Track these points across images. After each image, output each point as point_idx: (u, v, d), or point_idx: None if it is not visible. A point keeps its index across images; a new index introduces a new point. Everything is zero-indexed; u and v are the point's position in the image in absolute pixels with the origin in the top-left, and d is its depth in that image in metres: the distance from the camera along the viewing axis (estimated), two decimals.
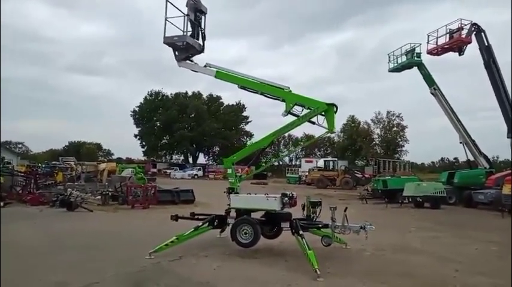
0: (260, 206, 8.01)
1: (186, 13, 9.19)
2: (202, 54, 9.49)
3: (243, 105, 74.85)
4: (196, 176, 55.11)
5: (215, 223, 8.34)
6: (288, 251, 8.08)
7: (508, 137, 20.01)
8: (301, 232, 7.31)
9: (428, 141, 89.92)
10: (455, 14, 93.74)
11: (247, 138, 76.47)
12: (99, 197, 17.95)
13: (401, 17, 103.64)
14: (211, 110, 72.88)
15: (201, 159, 76.07)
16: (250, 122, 76.02)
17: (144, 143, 72.54)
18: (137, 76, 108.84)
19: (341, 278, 6.32)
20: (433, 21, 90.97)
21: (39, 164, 35.22)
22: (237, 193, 8.27)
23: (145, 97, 73.33)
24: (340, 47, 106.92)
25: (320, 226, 7.93)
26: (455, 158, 71.94)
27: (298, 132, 73.37)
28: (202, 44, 9.44)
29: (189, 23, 9.23)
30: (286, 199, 7.90)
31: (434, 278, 6.40)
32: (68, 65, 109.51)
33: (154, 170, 54.28)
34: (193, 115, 70.02)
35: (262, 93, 8.71)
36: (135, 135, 72.91)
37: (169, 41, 9.17)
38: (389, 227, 11.71)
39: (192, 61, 9.50)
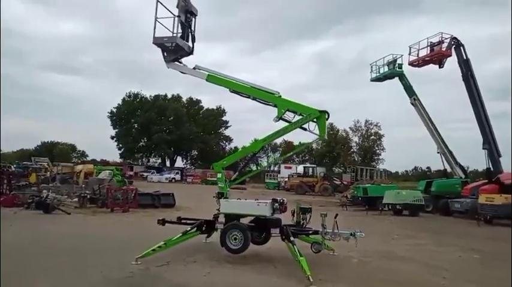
0: (250, 212, 7.93)
1: (176, 14, 9.08)
2: (191, 56, 9.43)
3: (223, 109, 74.74)
4: (173, 180, 54.31)
5: (203, 228, 8.21)
6: (276, 257, 8.03)
7: (483, 149, 20.65)
8: (292, 239, 7.27)
9: (402, 150, 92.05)
10: (432, 28, 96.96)
11: (227, 143, 76.35)
12: (76, 199, 17.45)
13: (380, 28, 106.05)
14: (190, 114, 72.35)
15: (179, 162, 75.25)
16: (229, 126, 75.92)
17: (120, 145, 71.12)
18: (115, 77, 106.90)
19: (333, 285, 6.31)
20: (411, 33, 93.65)
21: (10, 165, 33.89)
22: (227, 198, 8.16)
23: (124, 98, 72.17)
24: (320, 55, 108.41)
25: (310, 232, 7.91)
26: (427, 167, 74.11)
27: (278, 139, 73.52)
28: (191, 46, 9.34)
29: (179, 24, 9.13)
30: (277, 204, 7.86)
31: (423, 285, 6.48)
32: (42, 63, 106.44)
33: (131, 173, 53.34)
34: (172, 118, 69.27)
35: (254, 98, 8.66)
36: (112, 137, 71.49)
37: (158, 42, 9.03)
38: (372, 234, 11.78)
39: (181, 63, 9.38)
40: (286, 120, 8.33)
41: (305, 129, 8.41)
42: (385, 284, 6.41)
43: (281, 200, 7.99)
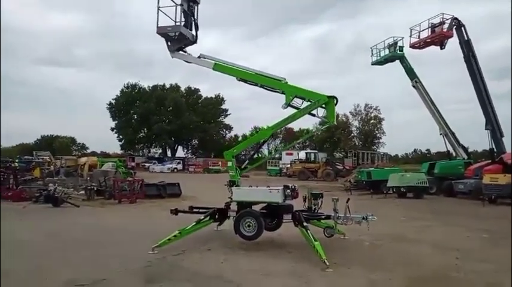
0: (263, 199, 8.02)
1: (179, 3, 9.02)
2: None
3: (222, 98, 74.48)
4: (175, 170, 54.47)
5: (216, 217, 8.30)
6: (289, 242, 8.14)
7: (486, 129, 20.70)
8: (305, 224, 7.37)
9: (401, 133, 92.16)
10: (431, 8, 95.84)
11: (227, 131, 76.29)
12: (82, 192, 17.53)
13: (377, 10, 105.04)
14: (189, 103, 72.10)
15: (180, 152, 75.36)
16: (229, 115, 75.76)
17: (121, 136, 71.10)
18: (112, 68, 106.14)
19: (348, 268, 6.41)
20: (409, 14, 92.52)
21: (12, 160, 33.84)
22: (238, 185, 8.22)
23: (122, 90, 71.86)
24: (317, 39, 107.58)
25: (323, 217, 8.00)
26: (427, 150, 74.31)
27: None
28: (195, 34, 9.29)
29: (181, 13, 9.07)
30: (289, 191, 7.94)
31: (439, 266, 6.59)
32: (38, 57, 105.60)
33: (133, 163, 53.41)
34: (171, 108, 69.08)
35: (261, 86, 8.68)
36: (112, 129, 71.40)
37: (162, 32, 9.00)
38: (380, 217, 11.71)
39: (185, 52, 9.35)
40: (294, 107, 8.35)
41: (314, 115, 8.44)
42: (396, 266, 6.50)
43: (292, 187, 8.08)
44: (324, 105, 8.12)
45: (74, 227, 10.36)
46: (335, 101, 8.12)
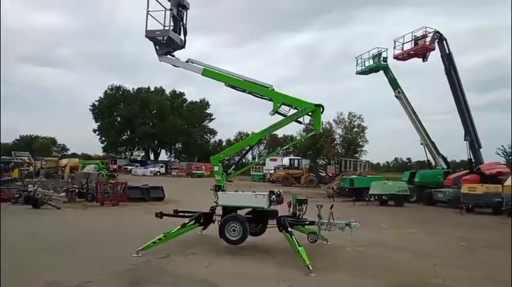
0: (248, 204, 8.09)
1: (168, 7, 9.08)
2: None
3: (207, 102, 74.38)
4: (158, 173, 54.03)
5: (201, 221, 8.33)
6: (273, 247, 8.23)
7: (464, 140, 21.29)
8: (290, 229, 7.47)
9: (383, 142, 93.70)
10: (414, 20, 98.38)
11: (211, 136, 76.12)
12: (63, 194, 17.27)
13: (362, 21, 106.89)
14: (174, 107, 71.73)
15: (163, 156, 74.77)
16: (214, 119, 75.66)
17: (103, 138, 70.12)
18: (95, 69, 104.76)
19: (331, 273, 6.54)
20: (394, 26, 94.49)
21: None
22: (224, 190, 8.28)
23: (106, 91, 70.97)
24: (303, 47, 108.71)
25: (307, 222, 8.12)
26: (408, 159, 75.83)
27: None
28: (183, 39, 9.36)
29: (170, 17, 9.13)
30: (274, 196, 8.03)
31: (418, 272, 6.77)
32: (19, 56, 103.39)
33: (115, 166, 52.73)
34: (155, 111, 68.56)
35: (250, 93, 8.78)
36: (94, 131, 70.38)
37: (151, 35, 9.02)
38: (362, 224, 12.03)
39: (173, 56, 9.40)
40: (281, 114, 8.48)
41: (300, 122, 8.60)
42: (379, 272, 6.66)
43: (278, 192, 8.17)
44: (310, 113, 8.28)
45: (56, 229, 10.23)
46: (321, 110, 8.28)
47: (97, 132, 70.29)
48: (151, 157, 72.10)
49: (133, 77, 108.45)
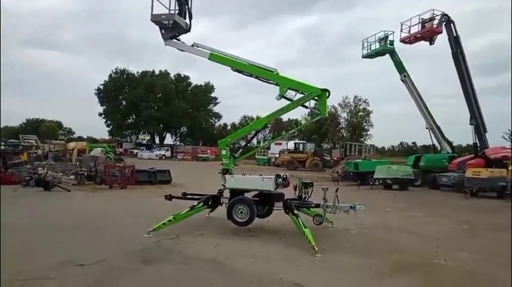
0: (255, 187, 8.26)
1: None
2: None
3: (212, 86, 74.32)
4: (164, 157, 54.50)
5: (209, 203, 8.53)
6: (280, 229, 8.44)
7: (470, 124, 21.24)
8: (296, 212, 7.67)
9: (388, 126, 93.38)
10: (422, 4, 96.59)
11: (216, 120, 76.29)
12: (72, 176, 17.60)
13: (368, 4, 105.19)
14: (179, 90, 71.79)
15: (168, 139, 75.21)
16: (218, 103, 75.65)
17: (109, 122, 70.52)
18: (99, 53, 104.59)
19: (336, 254, 6.74)
20: (398, 8, 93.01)
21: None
22: (231, 173, 8.45)
23: (110, 75, 71.08)
24: (306, 30, 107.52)
25: (313, 205, 8.31)
26: (413, 143, 75.61)
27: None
28: (189, 23, 9.40)
29: (175, 1, 9.15)
30: (280, 180, 8.21)
31: (420, 253, 6.96)
32: (23, 39, 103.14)
33: (121, 149, 53.21)
34: (160, 95, 68.64)
35: (256, 77, 8.85)
36: (100, 114, 70.78)
37: (156, 19, 9.08)
38: (366, 207, 12.18)
39: (179, 40, 9.45)
40: (287, 99, 8.57)
41: (306, 107, 8.72)
42: (382, 253, 6.84)
43: (284, 176, 8.34)
44: (316, 98, 8.36)
45: (68, 211, 10.52)
46: (327, 94, 8.36)
47: (103, 115, 70.78)
48: (157, 140, 72.59)
49: (137, 60, 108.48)
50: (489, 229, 9.51)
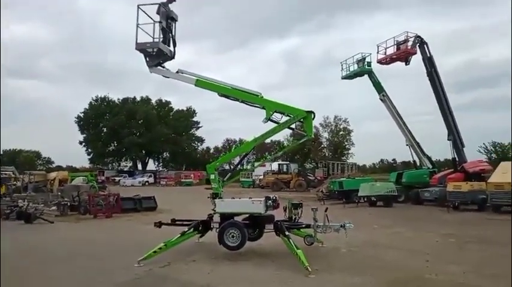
0: (245, 210, 8.31)
1: (158, 20, 9.32)
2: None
3: (194, 110, 74.39)
4: (147, 183, 53.72)
5: (200, 228, 8.50)
6: (271, 251, 8.45)
7: (448, 140, 21.87)
8: (287, 233, 7.71)
9: (368, 144, 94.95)
10: (393, 24, 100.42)
11: (199, 143, 76.02)
12: (54, 207, 17.16)
13: (343, 26, 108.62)
14: (160, 116, 71.44)
15: (151, 165, 74.26)
16: (201, 127, 75.62)
17: (89, 149, 69.34)
18: (79, 81, 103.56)
19: (330, 274, 6.78)
20: (374, 30, 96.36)
21: None
22: (221, 198, 8.47)
23: (91, 102, 70.31)
24: (286, 53, 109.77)
25: (303, 226, 8.38)
26: (393, 159, 76.79)
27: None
28: (173, 50, 9.60)
29: (159, 29, 9.36)
30: (270, 202, 8.27)
31: (412, 269, 7.08)
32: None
33: (103, 178, 52.20)
34: (142, 121, 68.19)
35: (242, 101, 9.02)
36: (80, 142, 69.55)
37: (141, 48, 9.25)
38: (354, 225, 12.36)
39: (163, 67, 9.62)
40: (274, 121, 8.74)
41: (293, 129, 8.94)
42: (375, 271, 6.93)
43: (273, 198, 8.42)
44: (301, 120, 8.56)
45: (53, 243, 10.24)
46: (313, 116, 8.57)
47: (83, 144, 69.53)
48: (139, 166, 71.60)
49: (117, 87, 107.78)
50: (474, 242, 9.74)
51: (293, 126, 8.80)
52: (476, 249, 8.96)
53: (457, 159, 21.35)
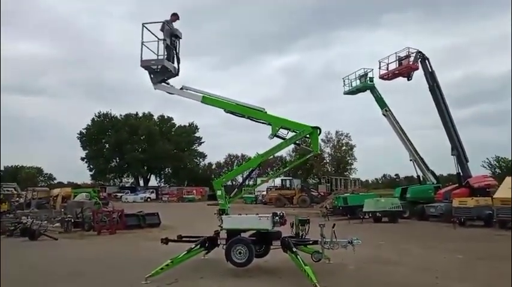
0: (252, 226, 8.27)
1: (162, 38, 9.47)
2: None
3: (196, 126, 74.67)
4: (149, 199, 53.57)
5: (207, 245, 8.46)
6: (278, 268, 8.37)
7: (452, 155, 21.86)
8: (294, 249, 7.66)
9: (371, 159, 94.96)
10: (393, 40, 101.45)
11: (201, 159, 76.07)
12: (57, 224, 17.13)
13: (342, 41, 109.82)
14: (163, 131, 71.76)
15: (153, 181, 74.20)
16: (203, 143, 75.79)
17: (91, 166, 69.41)
18: (81, 97, 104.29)
19: None
20: (374, 45, 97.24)
21: None
22: (228, 214, 8.45)
23: (93, 119, 70.72)
24: (287, 69, 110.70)
25: (310, 242, 8.32)
26: (396, 175, 76.71)
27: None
28: (177, 67, 9.72)
29: (163, 46, 9.50)
30: (277, 218, 8.24)
31: (422, 286, 7.00)
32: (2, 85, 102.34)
33: (105, 194, 52.09)
34: (144, 137, 68.45)
35: (248, 117, 9.06)
36: (83, 159, 69.71)
37: (146, 65, 9.38)
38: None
39: (168, 84, 9.72)
40: (280, 137, 8.78)
41: (298, 144, 8.95)
42: None
43: (281, 214, 8.38)
44: (307, 136, 8.60)
45: (58, 260, 10.16)
46: (319, 132, 8.61)
47: (85, 160, 69.67)
48: (141, 182, 71.51)
49: (119, 103, 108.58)
50: (483, 258, 9.65)
51: (298, 141, 8.82)
52: (485, 266, 8.86)
53: (461, 174, 21.29)
